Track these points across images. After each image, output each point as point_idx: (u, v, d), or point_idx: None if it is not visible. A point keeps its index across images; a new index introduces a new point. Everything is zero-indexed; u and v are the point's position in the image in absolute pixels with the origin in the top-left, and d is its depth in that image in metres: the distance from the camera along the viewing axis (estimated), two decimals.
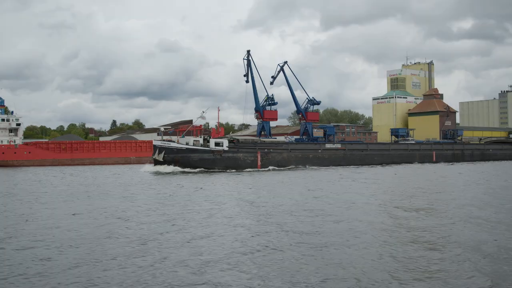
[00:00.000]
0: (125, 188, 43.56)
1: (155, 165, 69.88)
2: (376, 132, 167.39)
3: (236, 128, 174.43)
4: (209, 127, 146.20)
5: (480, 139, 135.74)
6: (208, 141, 72.92)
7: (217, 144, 72.44)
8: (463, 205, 30.02)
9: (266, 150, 77.33)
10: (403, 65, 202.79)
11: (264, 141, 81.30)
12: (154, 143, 71.66)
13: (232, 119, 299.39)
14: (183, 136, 76.63)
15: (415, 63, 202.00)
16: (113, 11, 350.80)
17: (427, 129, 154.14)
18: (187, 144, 71.53)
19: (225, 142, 73.60)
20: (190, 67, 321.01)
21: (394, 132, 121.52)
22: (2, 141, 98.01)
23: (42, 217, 26.59)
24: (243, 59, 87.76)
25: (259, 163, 75.33)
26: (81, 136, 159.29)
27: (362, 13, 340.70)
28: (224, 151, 72.31)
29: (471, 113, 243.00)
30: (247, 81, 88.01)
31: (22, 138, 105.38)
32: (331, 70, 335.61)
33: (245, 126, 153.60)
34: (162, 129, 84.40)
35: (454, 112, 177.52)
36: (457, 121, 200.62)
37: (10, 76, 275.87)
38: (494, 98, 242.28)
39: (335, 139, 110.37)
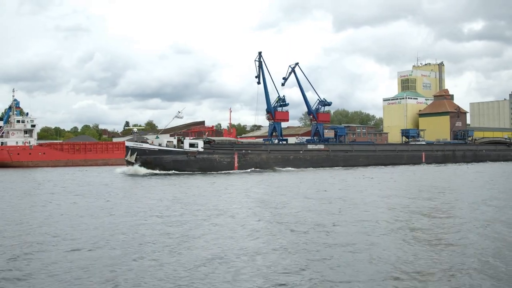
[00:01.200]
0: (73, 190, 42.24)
1: (127, 166, 68.07)
2: (387, 133, 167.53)
3: (248, 129, 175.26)
4: (221, 128, 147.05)
5: (474, 139, 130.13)
6: (182, 142, 70.65)
7: (191, 145, 70.04)
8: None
9: (243, 151, 74.90)
10: (413, 66, 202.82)
11: (242, 142, 78.99)
12: (126, 144, 69.82)
13: (244, 120, 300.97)
14: (157, 137, 75.58)
15: (425, 64, 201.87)
16: (127, 13, 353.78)
17: (437, 130, 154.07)
18: (159, 145, 69.46)
19: (200, 143, 71.21)
20: (203, 69, 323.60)
21: (405, 133, 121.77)
22: (17, 142, 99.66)
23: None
24: (255, 60, 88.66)
25: (236, 164, 72.86)
26: (94, 137, 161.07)
27: (374, 15, 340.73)
28: (199, 152, 69.97)
29: (482, 114, 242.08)
30: (258, 83, 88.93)
31: (37, 139, 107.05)
32: (342, 72, 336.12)
33: (256, 127, 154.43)
34: (135, 129, 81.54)
35: (465, 113, 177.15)
36: (468, 121, 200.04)
37: (26, 78, 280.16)
38: (505, 99, 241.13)
39: (346, 140, 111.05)
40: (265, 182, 50.98)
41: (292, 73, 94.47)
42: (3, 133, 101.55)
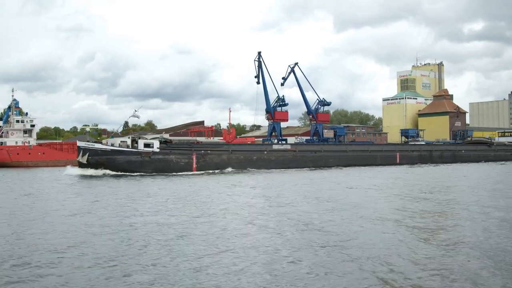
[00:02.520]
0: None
1: (79, 167, 64.90)
2: (386, 133, 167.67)
3: (247, 129, 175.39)
4: (221, 128, 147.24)
5: (456, 139, 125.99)
6: (137, 142, 67.86)
7: (146, 145, 67.29)
8: None
9: (202, 151, 71.64)
10: (413, 66, 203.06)
11: (201, 142, 76.33)
12: (78, 144, 67.15)
13: (244, 120, 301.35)
14: (112, 137, 72.92)
15: (425, 64, 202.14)
16: (128, 13, 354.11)
17: (437, 130, 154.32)
18: (112, 145, 66.87)
19: (156, 143, 68.50)
20: (203, 69, 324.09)
21: (404, 132, 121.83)
22: (16, 142, 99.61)
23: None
24: (254, 60, 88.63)
25: (194, 165, 69.70)
26: (94, 137, 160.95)
27: (375, 15, 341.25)
28: (154, 152, 67.09)
29: (481, 114, 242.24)
30: (258, 83, 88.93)
31: (36, 139, 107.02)
32: (342, 72, 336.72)
33: (256, 127, 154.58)
34: (87, 128, 78.54)
35: (464, 113, 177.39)
36: (467, 121, 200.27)
37: (27, 78, 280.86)
38: (504, 99, 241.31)
39: (345, 140, 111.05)
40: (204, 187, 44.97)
41: (292, 73, 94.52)
42: (2, 133, 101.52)
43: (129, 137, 70.48)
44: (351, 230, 21.23)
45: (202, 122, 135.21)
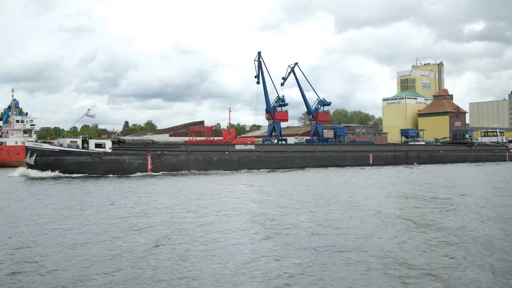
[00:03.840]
0: None
1: (27, 168, 61.49)
2: (386, 133, 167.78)
3: (247, 129, 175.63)
4: (221, 128, 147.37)
5: (436, 139, 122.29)
6: (87, 142, 64.65)
7: (97, 145, 64.18)
8: None
9: (158, 152, 68.10)
10: (413, 66, 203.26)
11: (157, 142, 73.02)
12: (26, 144, 64.24)
13: (244, 120, 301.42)
14: (63, 136, 69.19)
15: (425, 64, 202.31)
16: (129, 13, 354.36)
17: (437, 130, 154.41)
18: (61, 145, 63.52)
19: (108, 143, 65.55)
20: (204, 69, 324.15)
21: (404, 132, 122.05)
22: (16, 142, 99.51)
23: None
24: (254, 60, 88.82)
25: (149, 166, 66.09)
26: (94, 137, 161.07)
27: (376, 15, 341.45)
28: (106, 153, 63.79)
29: (481, 114, 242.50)
30: (258, 83, 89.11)
31: (36, 139, 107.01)
32: (343, 72, 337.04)
33: (256, 127, 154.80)
34: (36, 128, 74.31)
35: (464, 113, 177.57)
36: (467, 121, 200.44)
37: (29, 79, 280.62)
38: (504, 99, 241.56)
39: (345, 140, 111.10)
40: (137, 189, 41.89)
41: (292, 73, 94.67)
42: (2, 133, 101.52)
43: (79, 137, 67.34)
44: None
45: (202, 122, 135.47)
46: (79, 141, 64.58)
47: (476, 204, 29.27)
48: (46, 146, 62.03)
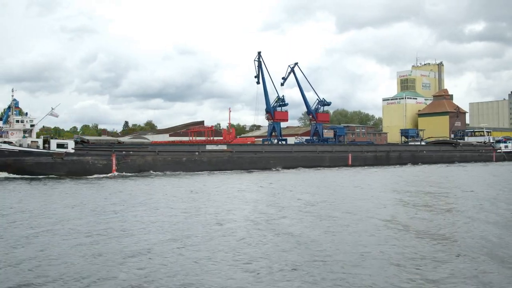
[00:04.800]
0: None
1: None
2: (386, 133, 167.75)
3: (247, 129, 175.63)
4: (221, 128, 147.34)
5: (421, 139, 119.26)
6: (49, 142, 62.51)
7: (59, 145, 61.80)
8: None
9: (124, 152, 65.20)
10: (413, 66, 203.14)
11: (123, 142, 70.66)
12: None
13: (244, 120, 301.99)
14: (24, 136, 66.50)
15: (424, 64, 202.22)
16: (131, 14, 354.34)
17: (437, 130, 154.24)
18: (20, 145, 61.35)
19: (71, 143, 63.14)
20: (205, 69, 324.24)
21: (404, 133, 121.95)
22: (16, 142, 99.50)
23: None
24: (254, 60, 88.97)
25: (114, 167, 63.52)
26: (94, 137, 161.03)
27: (377, 16, 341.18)
28: (67, 153, 61.41)
29: (481, 114, 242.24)
30: (258, 83, 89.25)
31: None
32: (343, 72, 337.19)
33: (256, 127, 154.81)
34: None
35: (464, 113, 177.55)
36: (467, 121, 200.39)
37: (30, 79, 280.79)
38: (504, 99, 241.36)
39: (345, 140, 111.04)
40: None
41: (292, 73, 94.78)
42: (2, 133, 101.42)
43: (41, 137, 65.19)
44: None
45: (202, 122, 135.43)
46: (40, 141, 62.60)
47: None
48: (5, 146, 60.13)
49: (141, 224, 24.32)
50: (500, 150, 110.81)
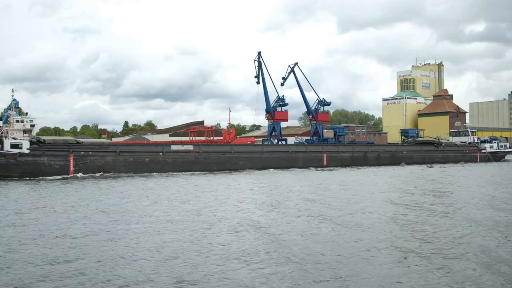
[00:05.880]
0: None
1: None
2: (386, 133, 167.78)
3: (247, 129, 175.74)
4: (221, 128, 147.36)
5: (403, 139, 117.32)
6: (3, 142, 60.65)
7: (13, 145, 59.58)
8: None
9: (82, 152, 62.43)
10: (413, 66, 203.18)
11: (82, 142, 68.07)
12: None
13: (245, 120, 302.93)
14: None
15: (424, 64, 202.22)
16: (133, 14, 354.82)
17: (437, 130, 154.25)
18: None
19: (26, 143, 60.36)
20: (207, 70, 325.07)
21: (404, 132, 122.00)
22: None
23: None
24: (254, 60, 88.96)
25: (71, 168, 60.87)
26: (94, 137, 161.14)
27: (378, 16, 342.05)
28: (22, 154, 59.02)
29: (481, 114, 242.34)
30: (258, 83, 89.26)
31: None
32: (344, 72, 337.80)
33: (256, 127, 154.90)
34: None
35: (464, 113, 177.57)
36: (467, 121, 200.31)
37: (32, 79, 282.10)
38: (504, 99, 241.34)
39: (345, 140, 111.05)
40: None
41: (292, 73, 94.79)
42: (2, 133, 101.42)
43: None
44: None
45: (202, 122, 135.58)
46: None
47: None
48: None
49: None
50: (484, 151, 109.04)
